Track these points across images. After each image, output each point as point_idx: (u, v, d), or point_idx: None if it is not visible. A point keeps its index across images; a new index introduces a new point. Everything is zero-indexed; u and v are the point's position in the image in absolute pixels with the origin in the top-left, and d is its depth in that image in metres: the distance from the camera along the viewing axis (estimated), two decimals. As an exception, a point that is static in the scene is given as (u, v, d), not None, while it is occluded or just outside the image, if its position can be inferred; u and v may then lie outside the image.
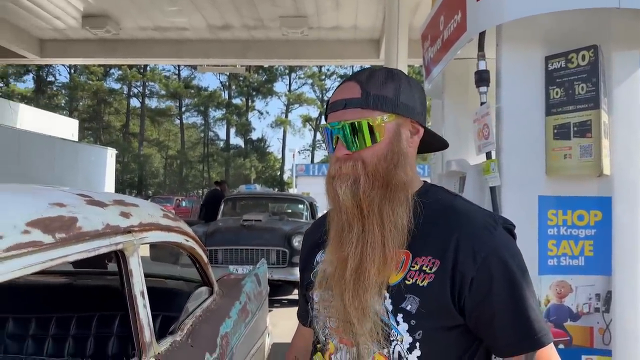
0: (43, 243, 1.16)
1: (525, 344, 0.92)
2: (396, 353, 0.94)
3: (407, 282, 0.94)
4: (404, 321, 0.93)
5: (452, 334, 0.95)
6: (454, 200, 1.03)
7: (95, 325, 2.26)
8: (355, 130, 0.97)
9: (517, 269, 0.94)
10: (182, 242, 2.06)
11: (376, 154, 0.98)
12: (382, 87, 1.00)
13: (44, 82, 39.38)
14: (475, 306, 0.93)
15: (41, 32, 12.78)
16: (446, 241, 0.95)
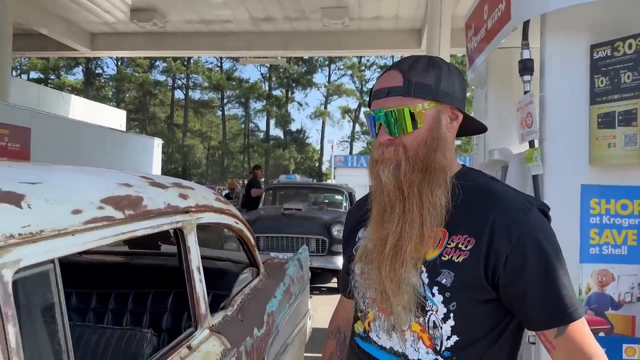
0: (115, 218, 1.29)
1: (557, 318, 0.96)
2: (431, 322, 1.00)
3: (443, 258, 1.00)
4: (439, 293, 0.99)
5: (485, 307, 1.00)
6: (490, 183, 1.08)
7: (150, 301, 2.41)
8: (397, 117, 1.03)
9: (550, 249, 0.98)
10: (232, 224, 2.18)
11: (416, 139, 1.04)
12: (423, 75, 1.04)
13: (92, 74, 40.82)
14: (509, 282, 0.97)
15: (92, 26, 13.30)
16: (482, 221, 1.00)
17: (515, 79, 2.45)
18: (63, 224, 1.09)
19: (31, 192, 1.09)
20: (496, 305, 1.01)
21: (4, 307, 0.87)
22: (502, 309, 1.02)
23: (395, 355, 1.05)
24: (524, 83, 2.21)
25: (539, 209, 1.03)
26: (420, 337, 1.01)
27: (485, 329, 1.01)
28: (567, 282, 0.98)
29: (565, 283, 0.97)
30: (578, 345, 0.95)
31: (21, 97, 11.25)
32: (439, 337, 1.00)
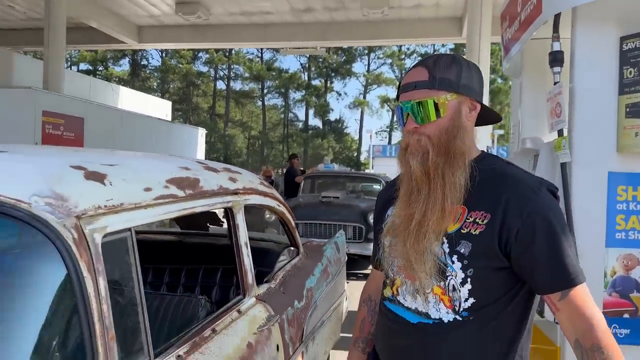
0: (178, 196, 1.50)
1: (560, 283, 1.10)
2: (451, 286, 1.15)
3: (462, 231, 1.15)
4: (458, 261, 1.14)
5: (498, 274, 1.15)
6: (506, 167, 1.22)
7: (201, 276, 2.65)
8: (423, 107, 1.18)
9: (557, 224, 1.12)
10: (274, 206, 2.37)
11: (439, 127, 1.19)
12: (446, 70, 1.20)
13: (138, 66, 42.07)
14: (520, 253, 1.12)
15: (139, 19, 13.79)
16: (497, 199, 1.14)
17: (549, 70, 2.53)
18: (137, 199, 1.30)
19: (111, 172, 1.30)
20: (508, 273, 1.15)
21: (96, 263, 1.09)
22: (514, 276, 1.16)
23: (420, 315, 1.20)
24: (554, 74, 2.29)
25: (548, 190, 1.16)
26: (441, 299, 1.16)
27: (499, 293, 1.15)
28: (571, 253, 1.11)
29: (569, 253, 1.11)
30: (579, 307, 1.09)
31: (74, 89, 11.84)
32: (458, 299, 1.15)
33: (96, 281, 1.07)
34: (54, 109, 7.93)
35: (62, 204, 1.08)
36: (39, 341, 1.01)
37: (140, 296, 1.25)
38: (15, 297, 1.02)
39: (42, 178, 1.13)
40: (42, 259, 1.05)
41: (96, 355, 1.04)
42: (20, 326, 1.00)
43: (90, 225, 1.11)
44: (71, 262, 1.04)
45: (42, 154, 1.37)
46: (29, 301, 1.03)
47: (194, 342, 1.42)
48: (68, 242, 1.04)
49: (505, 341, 1.17)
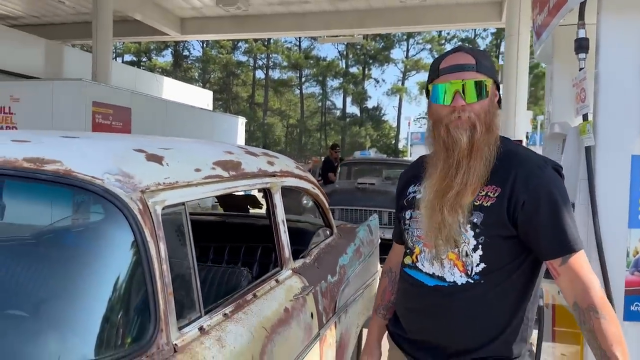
0: (223, 177, 1.69)
1: (561, 249, 1.24)
2: (464, 252, 1.29)
3: (475, 203, 1.29)
4: (471, 229, 1.28)
5: (507, 242, 1.28)
6: (516, 148, 1.37)
7: (242, 253, 2.87)
8: (475, 87, 1.30)
9: (559, 197, 1.26)
10: (309, 189, 2.55)
11: (484, 108, 1.31)
12: (486, 59, 1.35)
13: (180, 56, 43.03)
14: (525, 221, 1.26)
15: (182, 12, 14.19)
16: (507, 175, 1.28)
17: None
18: (189, 178, 1.50)
19: (167, 155, 1.51)
20: (516, 242, 1.29)
21: (157, 230, 1.29)
22: (521, 245, 1.29)
23: (436, 279, 1.34)
24: (579, 61, 2.36)
25: (553, 168, 1.31)
26: (455, 264, 1.31)
27: (507, 259, 1.29)
28: (572, 224, 1.25)
29: (569, 223, 1.24)
30: (577, 272, 1.23)
31: (120, 79, 12.36)
32: (470, 264, 1.29)
33: (157, 245, 1.28)
34: (103, 100, 8.36)
35: (129, 181, 1.28)
36: (112, 293, 1.22)
37: (193, 260, 1.45)
38: (91, 258, 1.24)
39: (112, 159, 1.34)
40: (114, 226, 1.26)
41: (158, 306, 1.24)
42: (96, 281, 1.22)
43: (152, 198, 1.31)
44: (137, 228, 1.24)
45: (108, 139, 1.59)
46: (103, 261, 1.25)
47: (237, 303, 1.62)
48: (134, 212, 1.25)
49: (512, 303, 1.30)
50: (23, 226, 1.34)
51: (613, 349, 1.13)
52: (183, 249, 1.44)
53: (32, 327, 1.16)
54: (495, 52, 40.54)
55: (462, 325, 1.30)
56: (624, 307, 2.29)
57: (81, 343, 1.16)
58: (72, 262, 1.24)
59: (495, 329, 1.30)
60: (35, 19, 14.81)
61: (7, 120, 8.03)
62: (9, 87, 8.18)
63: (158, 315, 1.24)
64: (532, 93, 25.78)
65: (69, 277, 1.22)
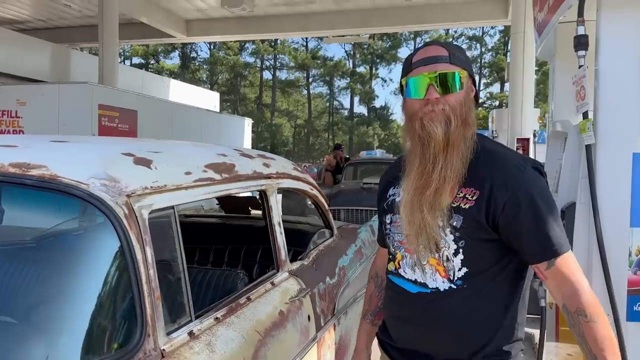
0: (215, 179, 1.68)
1: (545, 253, 1.18)
2: (444, 256, 1.24)
3: (453, 205, 1.23)
4: (451, 233, 1.22)
5: (487, 245, 1.23)
6: (494, 146, 1.30)
7: (243, 255, 2.86)
8: (448, 78, 1.25)
9: (540, 198, 1.19)
10: (307, 190, 2.54)
11: (458, 100, 1.25)
12: (459, 51, 1.31)
13: (187, 58, 43.22)
14: (507, 224, 1.20)
15: (187, 13, 14.24)
16: (485, 177, 1.22)
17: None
18: (179, 181, 1.49)
19: (156, 158, 1.50)
20: (498, 245, 1.23)
21: (143, 234, 1.28)
22: (503, 248, 1.23)
23: (419, 285, 1.29)
24: (579, 58, 2.33)
25: (533, 167, 1.24)
26: (437, 269, 1.26)
27: (490, 263, 1.24)
28: (556, 225, 1.19)
29: (553, 225, 1.18)
30: (564, 275, 1.18)
31: (127, 82, 12.42)
32: (452, 269, 1.24)
33: (144, 249, 1.27)
34: (109, 102, 8.41)
35: (114, 185, 1.28)
36: (97, 299, 1.22)
37: (183, 264, 1.44)
38: (76, 263, 1.23)
39: (98, 163, 1.33)
40: (99, 231, 1.25)
41: (144, 311, 1.23)
42: (82, 287, 1.22)
43: (138, 202, 1.30)
44: (123, 233, 1.23)
45: (98, 143, 1.59)
46: (89, 266, 1.24)
47: (230, 307, 1.61)
48: (120, 216, 1.24)
49: (499, 307, 1.25)
50: (8, 231, 1.34)
51: (604, 353, 1.10)
52: (172, 252, 1.43)
53: (17, 333, 1.16)
54: (503, 49, 40.29)
55: (448, 333, 1.26)
56: (627, 308, 2.25)
57: (66, 349, 1.16)
58: (57, 267, 1.23)
59: (483, 335, 1.25)
60: (42, 23, 14.94)
61: (14, 123, 8.10)
62: (16, 90, 8.26)
63: (145, 320, 1.23)
64: (540, 91, 25.58)
65: (54, 282, 1.22)
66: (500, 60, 39.01)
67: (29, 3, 13.24)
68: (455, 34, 40.02)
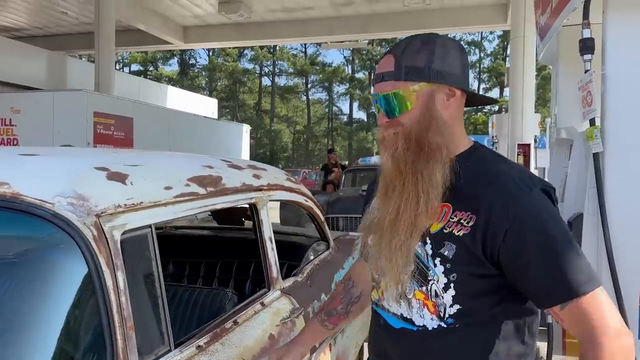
0: (199, 194, 1.56)
1: (559, 297, 0.96)
2: (433, 291, 1.05)
3: (444, 230, 1.04)
4: (441, 264, 1.03)
5: (486, 281, 1.03)
6: (497, 163, 1.09)
7: (235, 270, 2.74)
8: (389, 100, 1.09)
9: (551, 226, 0.98)
10: (302, 201, 2.42)
11: (410, 119, 1.08)
12: (415, 57, 1.08)
13: (186, 65, 43.21)
14: (511, 258, 0.99)
15: (184, 20, 14.17)
16: (483, 199, 1.02)
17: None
18: (157, 197, 1.37)
19: (133, 172, 1.38)
20: (498, 280, 1.03)
21: (114, 258, 1.16)
22: (502, 284, 1.03)
23: (405, 321, 1.11)
24: (584, 62, 2.23)
25: (542, 189, 1.03)
26: (425, 304, 1.07)
27: (488, 300, 1.04)
28: (573, 260, 0.97)
29: (569, 260, 0.96)
30: (580, 320, 0.96)
31: (124, 89, 12.33)
32: (442, 305, 1.05)
33: (114, 275, 1.15)
34: (105, 110, 8.30)
35: (82, 204, 1.16)
36: (62, 331, 1.10)
37: (161, 288, 1.32)
38: (39, 290, 1.11)
39: (66, 179, 1.22)
40: (65, 255, 1.14)
41: (115, 343, 1.12)
42: (45, 317, 1.10)
43: (109, 222, 1.19)
44: (91, 257, 1.12)
45: (71, 156, 1.47)
46: (53, 293, 1.12)
47: (214, 333, 1.48)
48: (88, 238, 1.12)
49: (500, 349, 1.06)
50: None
51: None
52: (149, 276, 1.31)
53: (-30, 371, 1.04)
54: (502, 54, 40.31)
55: None
56: (639, 326, 2.14)
57: (25, 388, 1.04)
58: (17, 295, 1.11)
59: None
60: (38, 30, 14.86)
61: (8, 132, 8.00)
62: (10, 98, 8.16)
63: (115, 352, 1.11)
64: (540, 95, 25.49)
65: (14, 312, 1.10)
66: (499, 65, 39.02)
67: (25, 11, 13.16)
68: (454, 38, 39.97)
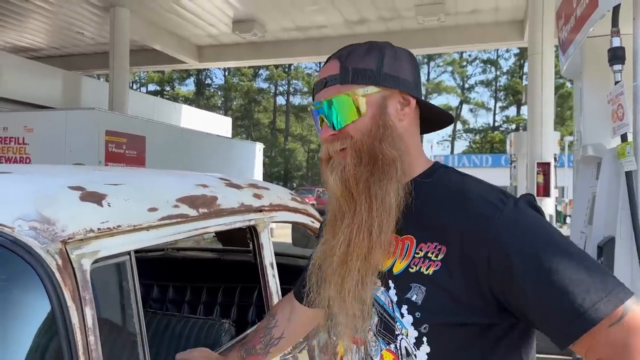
0: (189, 216, 1.41)
1: (568, 331, 0.75)
2: (403, 349, 0.86)
3: (410, 269, 0.86)
4: (409, 313, 0.85)
5: (464, 331, 0.83)
6: (462, 182, 0.91)
7: (238, 295, 2.57)
8: (336, 106, 0.92)
9: (538, 242, 0.78)
10: (308, 223, 2.25)
11: (360, 130, 0.91)
12: (362, 59, 0.94)
13: (202, 85, 43.70)
14: (506, 290, 0.79)
15: (198, 39, 14.28)
16: (452, 225, 0.84)
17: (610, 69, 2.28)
18: (138, 220, 1.22)
19: (113, 192, 1.24)
20: (479, 330, 0.83)
21: (82, 292, 1.01)
22: (487, 335, 0.83)
23: None
24: (614, 73, 2.06)
25: (517, 202, 0.85)
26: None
27: (473, 354, 0.84)
28: (578, 273, 0.75)
29: (568, 276, 0.75)
30: (608, 351, 0.74)
31: (138, 108, 12.38)
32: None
33: (82, 310, 1.00)
34: (117, 128, 8.28)
35: (47, 228, 1.01)
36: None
37: (140, 325, 1.17)
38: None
39: (32, 200, 1.07)
40: (24, 287, 0.99)
41: (79, 391, 0.96)
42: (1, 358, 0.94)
43: (78, 250, 1.04)
44: (53, 290, 0.97)
45: (45, 174, 1.33)
46: (8, 333, 0.97)
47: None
48: (51, 268, 0.97)
49: None
50: None
51: None
52: (126, 310, 1.15)
53: None
54: (518, 72, 40.09)
55: None
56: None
57: None
58: (-35, 336, 0.96)
59: None
60: (56, 50, 15.09)
61: (21, 150, 8.00)
62: (23, 117, 8.18)
63: (80, 403, 0.95)
64: (557, 114, 25.15)
65: (-39, 355, 0.95)
66: (516, 84, 38.78)
67: (43, 31, 13.38)
68: (469, 57, 40.02)
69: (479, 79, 44.38)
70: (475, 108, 42.84)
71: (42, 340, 0.98)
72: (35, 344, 0.98)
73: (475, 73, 46.25)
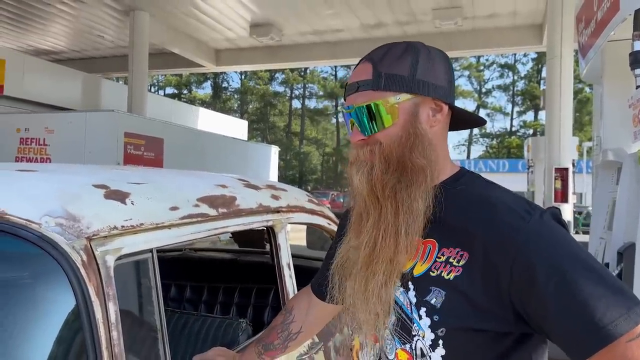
0: (209, 215, 1.43)
1: (590, 344, 0.74)
2: (418, 349, 0.87)
3: (431, 273, 0.87)
4: (427, 316, 0.86)
5: (481, 337, 0.84)
6: (487, 189, 0.92)
7: (254, 296, 2.59)
8: (367, 113, 0.92)
9: (561, 256, 0.79)
10: (324, 225, 2.26)
11: (390, 137, 0.92)
12: (396, 64, 0.93)
13: (219, 88, 44.04)
14: (526, 300, 0.80)
15: (216, 43, 14.40)
16: (476, 232, 0.85)
17: (632, 73, 2.26)
18: (161, 219, 1.24)
19: (136, 190, 1.26)
20: (495, 336, 0.84)
21: (106, 287, 1.03)
22: (502, 342, 0.84)
23: None
24: (636, 77, 2.03)
25: (542, 214, 0.85)
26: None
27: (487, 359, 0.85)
28: (598, 290, 0.75)
29: (592, 293, 0.75)
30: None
31: (156, 111, 12.50)
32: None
33: (105, 306, 1.02)
34: (135, 130, 8.37)
35: (73, 225, 1.04)
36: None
37: (161, 321, 1.19)
38: (17, 323, 0.99)
39: (58, 198, 1.10)
40: (50, 282, 1.01)
41: (102, 385, 0.98)
42: (23, 355, 0.97)
43: (102, 246, 1.06)
44: (78, 285, 0.99)
45: (69, 173, 1.36)
46: (34, 327, 0.99)
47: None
48: (76, 264, 1.00)
49: None
50: None
51: None
52: (148, 307, 1.17)
53: None
54: (536, 77, 39.71)
55: None
56: None
57: None
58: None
59: None
60: (76, 54, 15.33)
61: (42, 151, 8.13)
62: (44, 118, 8.32)
63: (103, 396, 0.97)
64: (576, 119, 24.83)
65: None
66: (534, 88, 38.41)
67: (65, 35, 13.61)
68: (487, 62, 39.74)
69: (496, 84, 44.04)
70: (493, 113, 42.49)
71: (66, 334, 1.01)
72: (60, 337, 1.00)
73: (493, 77, 45.90)
